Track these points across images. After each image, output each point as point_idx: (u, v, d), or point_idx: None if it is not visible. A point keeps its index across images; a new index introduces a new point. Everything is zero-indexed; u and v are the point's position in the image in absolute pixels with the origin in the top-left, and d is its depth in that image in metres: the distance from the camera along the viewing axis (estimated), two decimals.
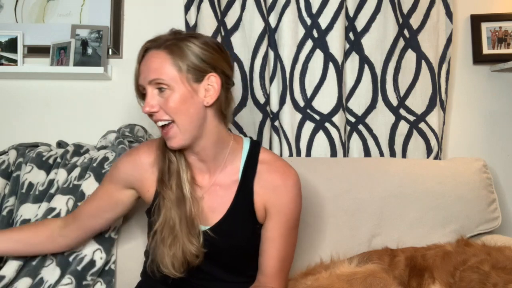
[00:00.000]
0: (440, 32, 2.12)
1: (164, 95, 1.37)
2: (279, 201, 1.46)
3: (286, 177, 1.48)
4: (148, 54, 1.40)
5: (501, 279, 1.26)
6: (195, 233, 1.43)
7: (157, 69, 1.36)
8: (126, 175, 1.53)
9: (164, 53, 1.37)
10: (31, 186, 1.81)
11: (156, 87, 1.37)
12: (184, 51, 1.37)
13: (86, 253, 1.70)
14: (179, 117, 1.37)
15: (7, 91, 2.19)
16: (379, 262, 1.51)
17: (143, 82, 1.40)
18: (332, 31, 2.06)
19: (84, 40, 2.13)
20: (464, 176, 1.94)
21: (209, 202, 1.48)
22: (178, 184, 1.44)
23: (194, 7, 2.10)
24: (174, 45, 1.38)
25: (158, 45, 1.39)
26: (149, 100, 1.38)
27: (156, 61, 1.37)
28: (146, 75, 1.38)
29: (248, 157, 1.49)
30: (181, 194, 1.44)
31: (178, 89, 1.36)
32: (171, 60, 1.36)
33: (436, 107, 2.10)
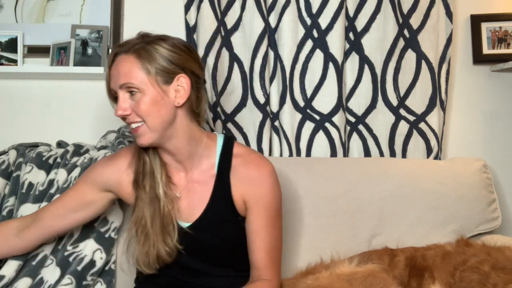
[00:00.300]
0: (440, 32, 2.12)
1: (135, 98, 1.40)
2: (256, 192, 1.49)
3: (260, 168, 1.51)
4: (117, 59, 1.43)
5: (501, 279, 1.26)
6: (168, 232, 1.46)
7: (126, 74, 1.39)
8: (104, 178, 1.56)
9: (133, 57, 1.40)
10: (31, 186, 1.81)
11: (127, 90, 1.40)
12: (152, 54, 1.40)
13: (86, 253, 1.70)
14: (150, 118, 1.40)
15: (7, 91, 2.19)
16: (379, 262, 1.51)
17: (114, 86, 1.43)
18: (332, 31, 2.06)
19: (84, 40, 2.13)
20: (464, 176, 1.95)
21: (188, 200, 1.51)
22: (151, 184, 1.48)
23: (194, 7, 2.10)
24: (142, 48, 1.41)
25: (127, 50, 1.42)
26: (121, 103, 1.41)
27: (125, 65, 1.40)
28: (117, 79, 1.41)
29: (222, 152, 1.52)
30: (154, 194, 1.47)
31: (148, 92, 1.39)
32: (140, 64, 1.39)
33: (436, 107, 2.10)
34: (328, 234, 1.86)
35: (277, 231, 1.53)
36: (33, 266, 1.68)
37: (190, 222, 1.50)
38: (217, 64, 2.09)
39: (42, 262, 1.69)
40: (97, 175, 1.58)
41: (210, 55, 2.08)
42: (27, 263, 1.68)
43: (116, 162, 1.57)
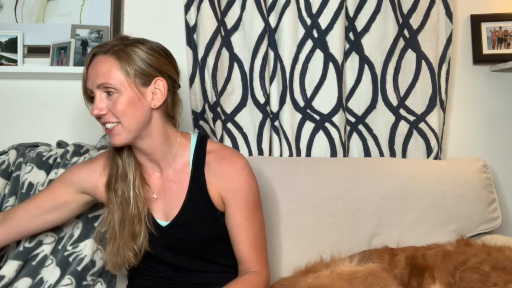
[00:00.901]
0: (440, 32, 2.12)
1: (112, 99, 1.42)
2: (232, 186, 1.51)
3: (233, 162, 1.53)
4: (95, 59, 1.45)
5: (501, 279, 1.26)
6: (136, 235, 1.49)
7: (105, 74, 1.42)
8: (81, 180, 1.59)
9: (112, 58, 1.43)
10: (31, 186, 1.81)
11: (104, 90, 1.43)
12: (131, 56, 1.43)
13: (86, 253, 1.70)
14: (126, 118, 1.43)
15: (7, 91, 2.19)
16: (379, 261, 1.51)
17: (91, 86, 1.45)
18: (332, 31, 2.06)
19: (84, 40, 2.13)
20: (464, 176, 1.94)
21: (165, 199, 1.54)
22: (123, 188, 1.51)
23: (194, 7, 2.10)
24: (122, 50, 1.44)
25: (106, 51, 1.44)
26: (97, 103, 1.44)
27: (104, 65, 1.43)
28: (94, 79, 1.43)
29: (196, 150, 1.55)
30: (124, 198, 1.50)
31: (125, 93, 1.42)
32: (119, 65, 1.42)
33: (436, 107, 2.10)
34: (328, 234, 1.86)
35: (257, 222, 1.55)
36: (33, 266, 1.68)
37: (168, 220, 1.52)
38: (217, 64, 2.09)
39: (42, 262, 1.69)
40: (73, 176, 1.60)
41: (210, 55, 2.08)
42: (27, 263, 1.68)
43: (92, 166, 1.60)
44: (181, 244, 1.52)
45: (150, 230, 1.51)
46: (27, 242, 1.70)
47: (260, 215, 1.57)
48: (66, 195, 1.59)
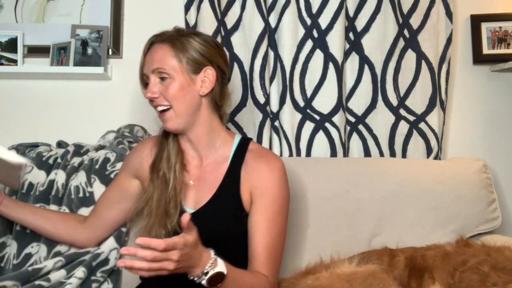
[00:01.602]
0: (440, 32, 2.12)
1: (165, 83, 1.52)
2: (262, 183, 1.53)
3: (270, 162, 1.57)
4: (153, 47, 1.56)
5: (501, 280, 1.26)
6: (170, 215, 1.52)
7: (160, 60, 1.52)
8: (132, 163, 1.69)
9: (167, 46, 1.53)
10: (31, 186, 1.81)
11: (158, 76, 1.52)
12: (185, 45, 1.53)
13: (104, 250, 1.72)
14: (176, 103, 1.52)
15: (7, 91, 2.19)
16: (379, 262, 1.51)
17: (147, 71, 1.55)
18: (332, 31, 2.06)
19: (84, 40, 2.13)
20: (464, 176, 1.94)
21: (198, 188, 1.58)
22: (165, 169, 1.57)
23: (194, 7, 2.10)
24: (177, 39, 1.54)
25: (162, 40, 1.55)
26: (151, 87, 1.53)
27: (160, 52, 1.53)
28: (150, 64, 1.53)
29: (237, 148, 1.61)
30: (165, 178, 1.56)
31: (177, 78, 1.51)
32: (173, 53, 1.52)
33: (436, 107, 2.10)
34: (328, 234, 1.86)
35: (278, 228, 1.53)
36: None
37: (195, 209, 1.55)
38: None
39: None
40: (128, 162, 1.71)
41: None
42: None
43: (140, 148, 1.70)
44: (200, 235, 1.50)
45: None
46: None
47: (283, 222, 1.55)
48: (125, 182, 1.69)
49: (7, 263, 1.74)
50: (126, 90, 2.17)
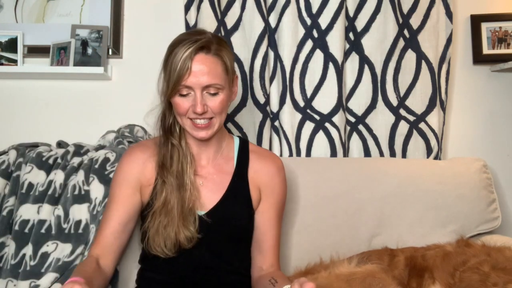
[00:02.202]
0: (440, 32, 2.12)
1: (214, 97, 1.47)
2: (272, 182, 1.60)
3: (275, 162, 1.64)
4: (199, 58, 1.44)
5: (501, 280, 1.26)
6: (191, 218, 1.50)
7: (215, 76, 1.45)
8: (132, 174, 1.57)
9: (217, 60, 1.46)
10: (31, 186, 1.81)
11: (210, 91, 1.46)
12: (228, 57, 1.49)
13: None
14: (221, 115, 1.51)
15: (7, 91, 2.19)
16: (378, 262, 1.51)
17: (195, 85, 1.44)
18: (332, 31, 2.06)
19: (84, 40, 2.13)
20: (464, 176, 1.94)
21: (207, 189, 1.57)
22: (179, 170, 1.53)
23: (194, 7, 2.09)
24: (222, 50, 1.48)
25: (209, 51, 1.45)
26: (202, 101, 1.45)
27: (212, 67, 1.45)
28: (202, 79, 1.43)
29: (240, 148, 1.64)
30: (182, 180, 1.52)
31: (225, 92, 1.49)
32: (223, 67, 1.47)
33: (436, 107, 2.10)
34: (328, 234, 1.86)
35: (280, 225, 1.65)
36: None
37: (205, 210, 1.54)
38: None
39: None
40: (127, 174, 1.57)
41: None
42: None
43: (136, 155, 1.59)
44: (210, 236, 1.52)
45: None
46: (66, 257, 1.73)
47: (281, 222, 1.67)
48: (132, 197, 1.56)
49: (6, 263, 1.73)
50: (126, 90, 2.17)
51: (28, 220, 1.75)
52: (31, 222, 1.76)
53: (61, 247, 1.74)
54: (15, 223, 1.75)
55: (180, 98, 1.47)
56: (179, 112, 1.49)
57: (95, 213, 1.77)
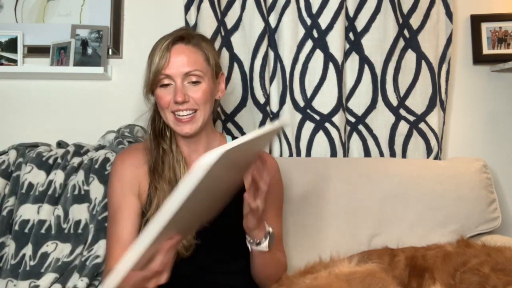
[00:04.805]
0: (440, 32, 2.11)
1: (196, 87, 1.48)
2: (271, 182, 1.52)
3: (271, 160, 1.65)
4: (178, 48, 1.48)
5: (500, 281, 1.26)
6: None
7: (194, 63, 1.47)
8: (130, 177, 1.53)
9: (197, 49, 1.50)
10: (31, 186, 1.81)
11: (190, 79, 1.47)
12: (210, 49, 1.53)
13: (100, 253, 1.71)
14: (203, 106, 1.49)
15: (7, 91, 2.19)
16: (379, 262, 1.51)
17: (173, 73, 1.46)
18: (332, 31, 2.06)
19: (84, 40, 2.13)
20: (464, 176, 1.94)
21: None
22: (172, 176, 1.51)
23: (194, 7, 2.09)
24: (203, 42, 1.53)
25: (189, 42, 1.50)
26: (182, 90, 1.46)
27: (191, 55, 1.48)
28: (181, 67, 1.46)
29: None
30: (175, 186, 1.43)
31: (208, 82, 1.50)
32: (204, 56, 1.50)
33: (436, 107, 2.10)
34: (328, 234, 1.86)
35: (282, 222, 1.65)
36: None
37: None
38: None
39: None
40: (124, 181, 1.53)
41: None
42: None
43: (128, 162, 1.55)
44: (207, 236, 1.48)
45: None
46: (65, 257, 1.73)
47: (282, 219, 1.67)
48: (135, 204, 1.51)
49: (6, 263, 1.73)
50: (126, 90, 2.17)
51: (28, 220, 1.75)
52: (31, 222, 1.76)
53: (60, 247, 1.74)
54: (15, 223, 1.75)
55: (162, 90, 1.48)
56: (162, 105, 1.49)
57: (94, 213, 1.77)
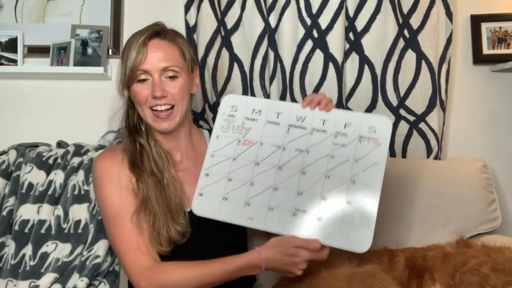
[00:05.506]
0: (440, 32, 2.11)
1: (173, 82, 1.48)
2: None
3: None
4: (154, 43, 1.48)
5: (500, 282, 1.26)
6: (181, 213, 1.47)
7: (171, 58, 1.48)
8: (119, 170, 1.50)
9: (173, 44, 1.50)
10: (31, 186, 1.81)
11: (167, 74, 1.48)
12: (185, 44, 1.54)
13: (100, 253, 1.72)
14: (180, 102, 1.50)
15: (7, 91, 2.19)
16: (378, 263, 1.51)
17: (150, 68, 1.46)
18: (332, 31, 2.06)
19: (84, 40, 2.13)
20: (464, 176, 1.94)
21: (188, 182, 1.54)
22: (153, 168, 1.50)
23: (194, 7, 2.10)
24: (178, 37, 1.54)
25: (164, 37, 1.51)
26: (160, 85, 1.46)
27: (167, 50, 1.48)
28: (157, 62, 1.46)
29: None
30: (160, 176, 1.49)
31: (184, 77, 1.50)
32: (180, 51, 1.51)
33: (436, 107, 2.10)
34: None
35: None
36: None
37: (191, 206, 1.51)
38: (217, 64, 2.09)
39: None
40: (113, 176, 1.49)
41: (210, 55, 2.08)
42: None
43: (113, 160, 1.52)
44: (201, 230, 1.48)
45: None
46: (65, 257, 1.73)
47: None
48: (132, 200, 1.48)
49: (5, 263, 1.74)
50: None
51: (28, 220, 1.76)
52: (31, 222, 1.76)
53: (60, 247, 1.74)
54: (15, 223, 1.75)
55: (139, 85, 1.48)
56: (139, 101, 1.49)
57: (94, 213, 1.77)
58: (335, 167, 1.43)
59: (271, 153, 1.48)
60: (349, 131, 1.46)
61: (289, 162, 1.46)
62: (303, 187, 1.42)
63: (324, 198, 1.41)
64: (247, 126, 1.53)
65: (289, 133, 1.49)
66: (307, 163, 1.45)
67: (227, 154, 1.50)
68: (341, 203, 1.39)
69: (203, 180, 1.49)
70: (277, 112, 1.52)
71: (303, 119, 1.50)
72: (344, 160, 1.43)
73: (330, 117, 1.49)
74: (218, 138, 1.53)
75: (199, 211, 1.46)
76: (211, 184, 1.48)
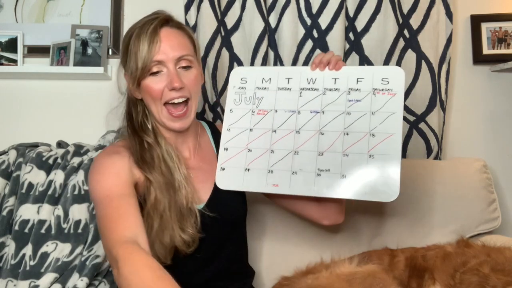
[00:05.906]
0: (440, 32, 2.11)
1: (189, 73, 1.41)
2: None
3: None
4: (165, 32, 1.39)
5: (500, 282, 1.26)
6: (191, 219, 1.38)
7: (185, 47, 1.40)
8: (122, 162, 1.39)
9: (184, 33, 1.43)
10: (31, 186, 1.81)
11: (181, 64, 1.40)
12: (192, 32, 1.48)
13: (99, 253, 1.71)
14: (195, 95, 1.43)
15: (7, 91, 2.19)
16: (379, 262, 1.51)
17: (165, 58, 1.37)
18: (332, 31, 2.06)
19: (84, 40, 2.13)
20: (464, 176, 1.94)
21: (198, 179, 1.48)
22: (164, 169, 1.40)
23: (194, 7, 2.10)
24: (184, 25, 1.47)
25: (174, 25, 1.43)
26: (177, 76, 1.38)
27: (180, 39, 1.41)
28: (172, 51, 1.38)
29: (212, 131, 1.61)
30: (171, 179, 1.39)
31: (197, 68, 1.44)
32: (191, 39, 1.45)
33: (436, 107, 2.10)
34: (328, 234, 1.86)
35: None
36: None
37: (203, 202, 1.46)
38: (217, 64, 2.09)
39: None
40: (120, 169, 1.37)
41: (210, 55, 2.08)
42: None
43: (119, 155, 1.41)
44: (213, 229, 1.44)
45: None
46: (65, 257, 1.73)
47: None
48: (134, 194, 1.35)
49: (5, 263, 1.74)
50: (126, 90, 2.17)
51: (28, 220, 1.76)
52: (31, 222, 1.76)
53: (60, 247, 1.74)
54: (15, 223, 1.75)
55: (152, 79, 1.38)
56: (154, 96, 1.39)
57: (94, 212, 1.77)
58: (352, 123, 1.42)
59: (287, 119, 1.47)
60: (362, 85, 1.45)
61: (305, 125, 1.45)
62: (323, 147, 1.42)
63: (346, 155, 1.40)
64: (259, 96, 1.52)
65: (302, 97, 1.48)
66: (324, 123, 1.44)
67: (243, 126, 1.50)
68: (363, 158, 1.39)
69: (223, 154, 1.48)
70: (287, 78, 1.51)
71: (314, 80, 1.49)
72: (361, 115, 1.42)
73: (341, 74, 1.47)
74: (232, 111, 1.52)
75: (223, 185, 1.46)
76: (231, 158, 1.48)
